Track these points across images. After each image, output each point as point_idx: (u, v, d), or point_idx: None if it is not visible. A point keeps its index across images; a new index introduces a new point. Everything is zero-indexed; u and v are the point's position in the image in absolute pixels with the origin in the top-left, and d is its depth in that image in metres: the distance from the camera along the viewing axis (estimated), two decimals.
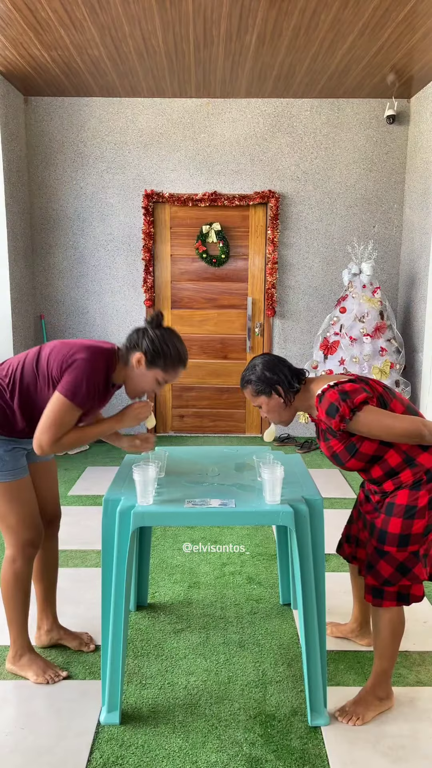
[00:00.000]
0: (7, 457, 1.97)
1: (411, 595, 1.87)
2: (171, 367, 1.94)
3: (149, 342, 1.92)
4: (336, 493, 3.99)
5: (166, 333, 1.95)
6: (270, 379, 1.93)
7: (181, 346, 1.97)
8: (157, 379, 1.96)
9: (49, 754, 1.80)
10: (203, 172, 5.11)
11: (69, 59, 4.16)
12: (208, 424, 5.53)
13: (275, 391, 1.93)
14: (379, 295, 4.68)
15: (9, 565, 2.05)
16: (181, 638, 2.38)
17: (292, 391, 1.93)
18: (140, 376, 1.96)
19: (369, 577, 1.90)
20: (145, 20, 3.54)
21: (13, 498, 1.99)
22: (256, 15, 3.45)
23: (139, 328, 1.97)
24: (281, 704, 2.01)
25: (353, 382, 1.85)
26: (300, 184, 5.14)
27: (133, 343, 1.95)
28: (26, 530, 2.02)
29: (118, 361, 1.99)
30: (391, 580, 1.85)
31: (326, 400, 1.82)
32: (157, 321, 1.96)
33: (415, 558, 1.84)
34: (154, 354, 1.91)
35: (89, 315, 5.33)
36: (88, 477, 4.34)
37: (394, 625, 1.90)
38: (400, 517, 1.82)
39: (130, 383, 1.99)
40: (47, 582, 2.28)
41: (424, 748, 1.84)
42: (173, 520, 1.85)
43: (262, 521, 1.83)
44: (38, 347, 2.01)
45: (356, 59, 4.12)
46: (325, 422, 1.84)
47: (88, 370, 1.86)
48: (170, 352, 1.93)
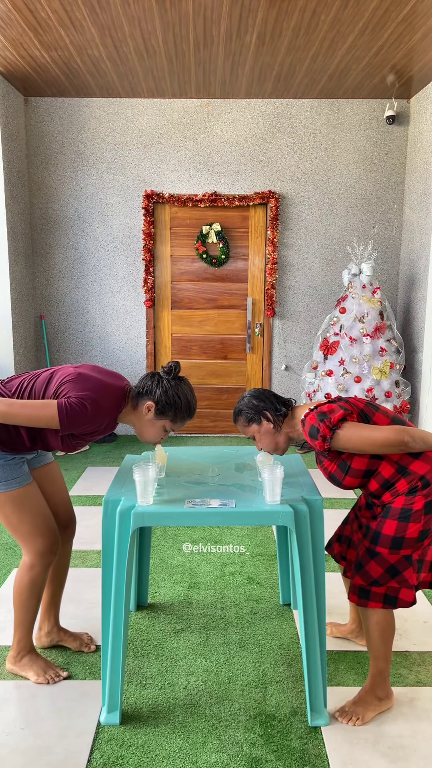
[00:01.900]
0: (8, 467, 1.96)
1: (399, 599, 1.86)
2: (180, 419, 1.99)
3: (162, 393, 1.95)
4: (336, 493, 3.99)
5: (180, 384, 1.97)
6: (257, 406, 2.02)
7: (192, 398, 2.01)
8: (165, 428, 2.01)
9: (50, 754, 1.80)
10: (203, 172, 5.12)
11: (69, 59, 4.16)
12: (208, 424, 5.53)
13: (264, 416, 2.00)
14: (379, 296, 4.68)
15: (26, 571, 2.04)
16: (181, 638, 2.38)
17: (280, 415, 2.01)
18: (148, 423, 1.99)
19: (357, 577, 1.90)
20: (145, 20, 3.54)
21: (22, 507, 1.98)
22: (256, 15, 3.45)
23: (154, 374, 1.99)
24: (281, 704, 2.02)
25: (331, 402, 1.92)
26: (300, 185, 5.15)
27: (146, 390, 1.97)
28: (41, 538, 2.02)
29: (127, 402, 2.00)
30: (380, 581, 1.86)
31: (308, 423, 1.90)
32: (174, 372, 1.98)
33: (406, 562, 1.84)
34: (166, 405, 1.95)
35: (89, 315, 5.33)
36: (88, 477, 4.34)
37: (382, 627, 1.91)
38: (395, 519, 1.83)
39: (138, 430, 2.03)
40: (55, 586, 2.28)
41: (424, 748, 1.84)
42: (173, 520, 1.86)
43: (262, 521, 1.83)
44: (51, 371, 1.99)
45: (356, 59, 4.12)
46: (311, 444, 1.92)
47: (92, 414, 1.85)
48: (181, 404, 1.96)
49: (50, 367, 2.04)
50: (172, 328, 5.39)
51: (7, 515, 1.99)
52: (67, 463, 4.67)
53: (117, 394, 1.96)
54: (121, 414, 2.00)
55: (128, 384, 2.05)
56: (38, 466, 2.16)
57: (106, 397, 1.90)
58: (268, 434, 2.02)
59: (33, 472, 2.13)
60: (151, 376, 2.00)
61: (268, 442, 2.04)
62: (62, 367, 2.00)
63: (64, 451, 2.01)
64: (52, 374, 1.97)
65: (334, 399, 1.96)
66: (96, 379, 1.93)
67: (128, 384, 2.05)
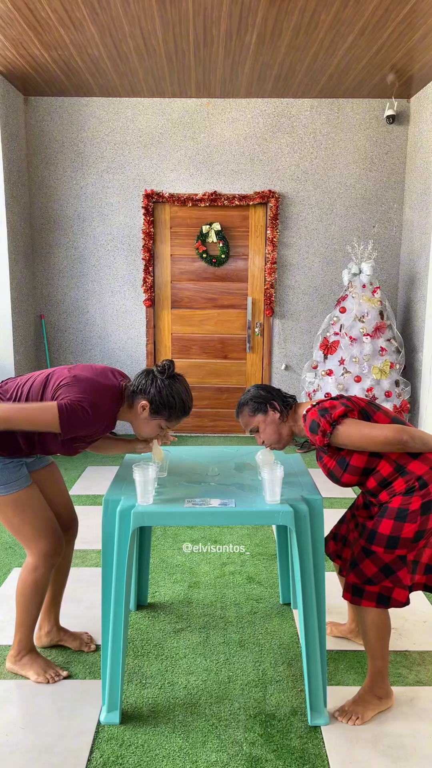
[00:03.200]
0: (6, 470, 1.96)
1: (392, 598, 1.86)
2: (174, 418, 2.00)
3: (156, 392, 1.94)
4: (336, 493, 3.99)
5: (174, 383, 1.97)
6: (265, 397, 2.04)
7: (187, 397, 2.00)
8: (160, 426, 2.01)
9: (50, 754, 1.80)
10: (203, 172, 5.11)
11: (69, 59, 4.16)
12: (208, 424, 5.53)
13: (271, 406, 2.03)
14: (379, 295, 4.68)
15: (30, 572, 2.04)
16: (181, 638, 2.38)
17: (287, 406, 2.04)
18: (144, 421, 2.00)
19: (351, 575, 1.91)
20: (145, 20, 3.54)
21: (23, 509, 1.98)
22: (256, 15, 3.45)
23: (149, 372, 1.99)
24: (281, 704, 2.02)
25: (333, 399, 1.94)
26: (300, 184, 5.14)
27: (140, 388, 1.97)
28: (44, 540, 2.01)
29: (124, 400, 2.00)
30: (374, 580, 1.86)
31: (309, 419, 1.92)
32: (168, 371, 1.97)
33: (401, 562, 1.85)
34: (160, 405, 1.95)
35: (89, 315, 5.33)
36: (88, 477, 4.34)
37: (378, 626, 1.91)
38: (391, 518, 1.84)
39: (135, 427, 2.04)
40: (56, 586, 2.28)
41: (424, 748, 1.84)
42: (173, 520, 1.86)
43: (262, 521, 1.83)
44: (47, 373, 1.98)
45: (356, 59, 4.12)
46: (311, 440, 1.92)
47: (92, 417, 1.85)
48: (175, 404, 1.96)
49: (45, 370, 2.03)
50: (172, 328, 5.39)
51: (9, 518, 1.99)
52: (67, 462, 4.67)
53: (114, 394, 1.96)
54: (119, 413, 2.01)
55: (123, 381, 2.05)
56: (37, 469, 2.15)
57: (104, 398, 1.90)
58: (273, 424, 2.02)
59: (33, 474, 2.13)
60: (146, 374, 1.99)
61: (272, 432, 2.03)
62: (57, 370, 1.98)
63: (65, 454, 2.01)
64: (48, 378, 1.96)
65: (336, 397, 1.97)
66: (92, 381, 1.92)
67: (123, 381, 2.05)
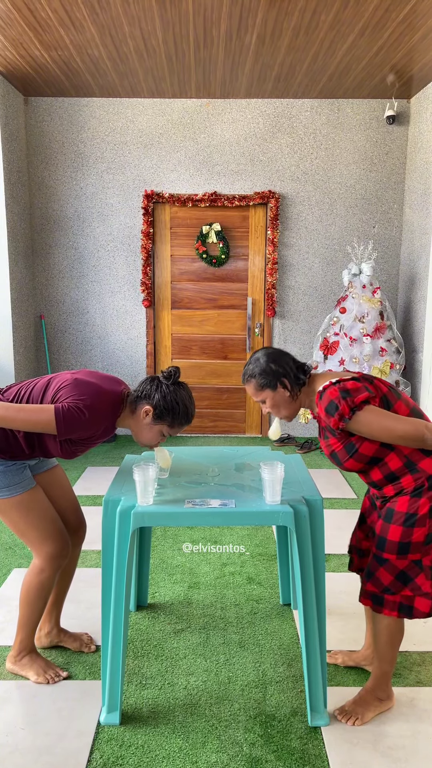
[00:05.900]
0: (9, 473, 1.96)
1: (414, 608, 1.80)
2: (177, 424, 1.99)
3: (161, 397, 1.94)
4: (336, 493, 3.99)
5: (179, 390, 1.97)
6: (276, 372, 1.87)
7: (191, 404, 2.00)
8: (162, 432, 2.00)
9: (49, 754, 1.80)
10: (203, 172, 5.12)
11: (69, 59, 4.16)
12: (208, 424, 5.53)
13: (281, 383, 1.87)
14: (379, 296, 4.68)
15: (36, 574, 2.04)
16: (181, 638, 2.38)
17: (299, 384, 1.89)
18: (146, 427, 1.99)
19: (369, 584, 1.86)
20: (145, 20, 3.54)
21: (28, 512, 1.98)
22: (256, 15, 3.45)
23: (154, 379, 1.99)
24: (281, 704, 2.01)
25: (356, 380, 1.78)
26: (300, 185, 5.14)
27: (144, 394, 1.97)
28: (50, 542, 2.01)
29: (125, 407, 2.00)
30: (392, 589, 1.81)
31: (326, 397, 1.77)
32: (174, 377, 1.97)
33: (416, 567, 1.79)
34: (164, 410, 1.95)
35: (89, 315, 5.33)
36: (88, 477, 4.34)
37: (392, 632, 1.88)
38: (399, 524, 1.78)
39: (135, 433, 2.03)
40: (60, 588, 2.28)
41: (424, 748, 1.84)
42: (173, 520, 1.85)
43: (262, 521, 1.83)
44: (48, 378, 2.00)
45: (356, 59, 4.12)
46: (324, 420, 1.80)
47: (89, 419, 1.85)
48: (179, 410, 1.96)
49: (48, 375, 2.04)
50: (172, 328, 5.39)
51: (15, 521, 1.98)
52: (67, 463, 4.67)
53: (114, 399, 1.96)
54: (119, 419, 2.00)
55: (126, 388, 2.05)
56: (42, 471, 2.15)
57: (103, 402, 1.90)
58: (282, 401, 1.90)
59: (37, 477, 2.13)
60: (151, 380, 1.99)
61: (280, 409, 1.92)
62: (59, 374, 2.00)
63: (64, 457, 2.01)
64: (50, 381, 1.97)
65: (358, 377, 1.81)
66: (93, 384, 1.92)
67: (126, 388, 2.05)
